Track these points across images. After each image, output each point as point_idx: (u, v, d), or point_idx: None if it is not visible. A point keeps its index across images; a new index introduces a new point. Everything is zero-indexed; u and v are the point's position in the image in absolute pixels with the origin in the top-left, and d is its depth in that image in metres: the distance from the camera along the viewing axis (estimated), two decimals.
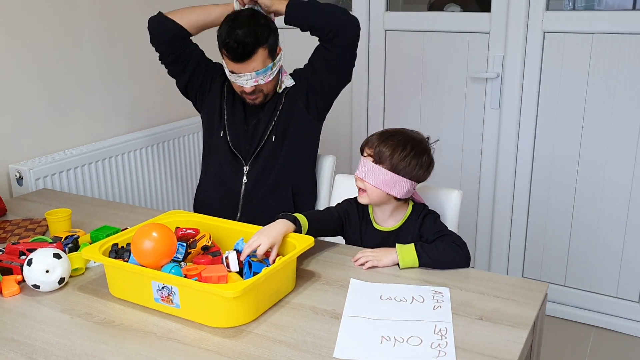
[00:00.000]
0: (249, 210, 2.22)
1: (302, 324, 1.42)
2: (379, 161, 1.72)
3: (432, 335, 1.36)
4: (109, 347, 1.34)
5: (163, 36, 2.23)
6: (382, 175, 1.71)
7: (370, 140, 1.76)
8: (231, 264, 1.55)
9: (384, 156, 1.71)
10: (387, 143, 1.72)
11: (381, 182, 1.72)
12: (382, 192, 1.73)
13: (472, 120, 3.07)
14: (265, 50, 2.08)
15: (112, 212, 2.20)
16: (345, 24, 2.13)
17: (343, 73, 2.23)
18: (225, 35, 2.06)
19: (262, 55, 2.08)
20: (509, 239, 3.13)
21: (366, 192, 1.76)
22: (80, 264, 1.69)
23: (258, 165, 2.22)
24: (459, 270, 1.67)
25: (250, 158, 2.23)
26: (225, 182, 2.27)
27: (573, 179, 2.90)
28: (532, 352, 1.52)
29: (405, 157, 1.71)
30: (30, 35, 2.54)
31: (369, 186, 1.74)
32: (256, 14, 2.13)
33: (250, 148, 2.23)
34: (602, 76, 2.72)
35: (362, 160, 1.77)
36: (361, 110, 3.30)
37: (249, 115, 2.26)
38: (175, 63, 2.27)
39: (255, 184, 2.22)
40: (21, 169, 2.48)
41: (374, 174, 1.72)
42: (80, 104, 2.79)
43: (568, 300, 3.05)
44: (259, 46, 2.06)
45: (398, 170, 1.71)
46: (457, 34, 3.00)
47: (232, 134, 2.24)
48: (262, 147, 2.21)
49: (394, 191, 1.73)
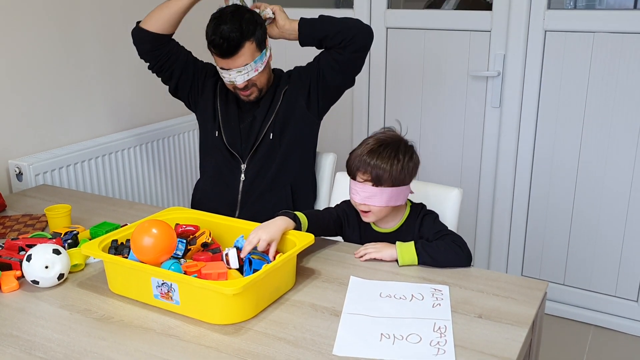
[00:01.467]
0: (247, 208, 2.22)
1: (301, 321, 1.43)
2: (379, 183, 1.70)
3: (432, 333, 1.36)
4: (108, 343, 1.34)
5: (144, 47, 2.23)
6: (386, 194, 1.70)
7: (362, 163, 1.71)
8: (231, 261, 1.55)
9: (383, 177, 1.69)
10: (380, 162, 1.69)
11: (386, 201, 1.71)
12: (388, 208, 1.73)
13: (473, 118, 3.07)
14: (252, 44, 2.07)
15: (112, 208, 2.20)
16: (360, 30, 2.12)
17: (349, 75, 2.21)
18: (211, 32, 2.06)
19: (249, 49, 2.07)
20: (509, 238, 3.13)
21: (372, 212, 1.75)
22: (79, 260, 1.69)
23: (256, 162, 2.22)
24: (459, 269, 1.67)
25: (248, 156, 2.22)
26: (222, 180, 2.26)
27: (573, 178, 2.90)
28: (531, 351, 1.52)
29: (402, 167, 1.70)
30: (31, 31, 2.54)
31: (374, 208, 1.73)
32: (240, 8, 2.11)
33: (247, 146, 2.22)
34: (602, 75, 2.72)
35: (358, 185, 1.73)
36: (362, 108, 3.30)
37: (243, 112, 2.25)
38: (161, 71, 2.27)
39: (252, 181, 2.22)
40: (21, 165, 2.48)
41: (377, 196, 1.71)
42: (80, 100, 2.79)
43: (567, 299, 3.05)
44: (245, 40, 2.05)
45: (399, 183, 1.71)
46: (458, 32, 3.00)
47: (227, 133, 2.23)
48: (259, 145, 2.21)
49: (400, 201, 1.74)
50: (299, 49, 2.26)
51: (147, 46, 2.22)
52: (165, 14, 2.19)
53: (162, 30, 2.20)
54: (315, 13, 2.23)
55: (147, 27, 2.19)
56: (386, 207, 1.73)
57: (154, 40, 2.20)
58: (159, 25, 2.19)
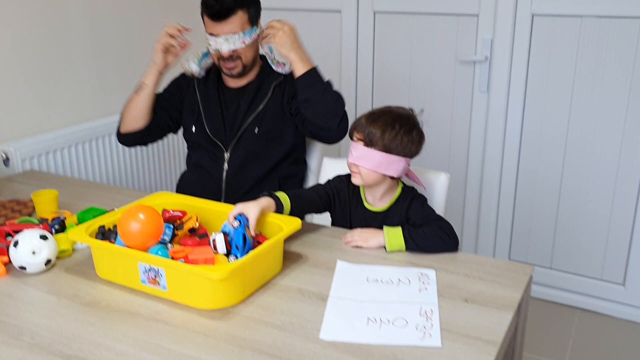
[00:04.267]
0: (233, 201, 2.19)
1: (288, 305, 1.43)
2: (370, 144, 1.71)
3: (418, 317, 1.37)
4: (96, 329, 1.35)
5: (137, 143, 2.30)
6: (376, 157, 1.71)
7: (359, 123, 1.75)
8: (218, 246, 1.55)
9: (374, 138, 1.70)
10: (376, 124, 1.71)
11: (376, 165, 1.71)
12: (377, 174, 1.73)
13: (461, 103, 3.07)
14: (245, 15, 2.05)
15: (99, 193, 2.19)
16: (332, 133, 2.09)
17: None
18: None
19: (241, 18, 2.05)
20: (496, 222, 3.15)
21: (360, 174, 1.76)
22: (66, 245, 1.69)
23: (239, 154, 2.18)
24: (445, 253, 1.68)
25: (231, 145, 2.19)
26: (205, 170, 2.23)
27: (560, 162, 2.91)
28: (516, 334, 1.54)
29: (396, 135, 1.70)
30: (16, 15, 2.51)
31: (363, 170, 1.74)
32: None
33: (230, 134, 2.19)
34: (590, 59, 2.72)
35: (352, 145, 1.76)
36: (349, 92, 3.30)
37: (228, 100, 2.22)
38: (164, 135, 2.32)
39: (236, 173, 2.19)
40: (7, 150, 2.47)
41: (367, 157, 1.72)
42: (67, 84, 2.77)
43: (554, 283, 3.08)
44: (239, 8, 2.03)
45: (391, 150, 1.71)
46: (446, 16, 2.99)
47: (209, 122, 2.20)
48: (242, 136, 2.17)
49: (390, 171, 1.73)
50: None
51: (139, 141, 2.28)
52: (133, 111, 2.21)
53: (141, 126, 2.22)
54: None
55: (127, 130, 2.23)
56: (374, 172, 1.73)
57: (140, 136, 2.25)
58: (135, 123, 2.22)
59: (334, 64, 3.32)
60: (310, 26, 3.32)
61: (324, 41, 3.32)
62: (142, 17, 3.05)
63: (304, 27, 3.30)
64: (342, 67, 3.30)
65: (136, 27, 2.27)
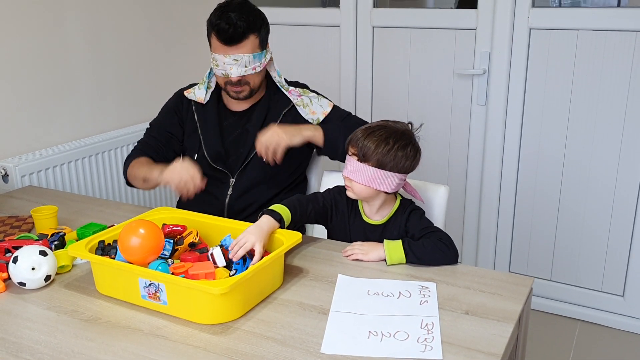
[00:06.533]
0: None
1: (289, 319, 1.43)
2: (363, 159, 1.71)
3: (419, 330, 1.37)
4: (96, 345, 1.34)
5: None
6: (369, 173, 1.71)
7: (354, 138, 1.75)
8: (217, 260, 1.55)
9: (368, 153, 1.70)
10: (370, 139, 1.70)
11: (369, 180, 1.71)
12: (370, 189, 1.73)
13: (459, 116, 3.08)
14: (256, 39, 1.98)
15: (99, 209, 2.19)
16: None
17: None
18: (216, 18, 1.95)
19: (252, 43, 1.97)
20: (496, 234, 3.15)
21: (353, 188, 1.76)
22: (66, 261, 1.68)
23: (245, 181, 2.12)
24: (446, 266, 1.68)
25: (237, 170, 2.12)
26: (208, 192, 2.09)
27: (559, 174, 2.92)
28: (517, 346, 1.53)
29: (389, 151, 1.69)
30: (16, 31, 2.52)
31: (356, 185, 1.74)
32: (248, 3, 2.02)
33: (236, 159, 2.12)
34: (587, 72, 2.74)
35: (348, 159, 1.76)
36: (349, 106, 3.30)
37: (229, 126, 2.14)
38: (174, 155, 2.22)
39: (240, 197, 2.12)
40: (6, 166, 2.47)
41: (360, 172, 1.71)
42: (66, 100, 2.78)
43: (554, 295, 3.08)
44: (251, 32, 1.95)
45: (384, 166, 1.70)
46: (444, 31, 3.01)
47: (210, 151, 2.13)
48: (250, 162, 2.11)
49: (384, 187, 1.72)
50: (293, 43, 2.24)
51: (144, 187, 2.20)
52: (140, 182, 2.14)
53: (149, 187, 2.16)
54: (303, 13, 2.19)
55: (135, 185, 2.19)
56: (367, 187, 1.72)
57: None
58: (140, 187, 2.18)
59: (333, 79, 3.33)
60: (309, 41, 3.33)
61: (323, 56, 3.33)
62: (141, 34, 3.06)
63: (304, 42, 3.34)
64: (341, 82, 3.31)
65: (135, 43, 2.28)
